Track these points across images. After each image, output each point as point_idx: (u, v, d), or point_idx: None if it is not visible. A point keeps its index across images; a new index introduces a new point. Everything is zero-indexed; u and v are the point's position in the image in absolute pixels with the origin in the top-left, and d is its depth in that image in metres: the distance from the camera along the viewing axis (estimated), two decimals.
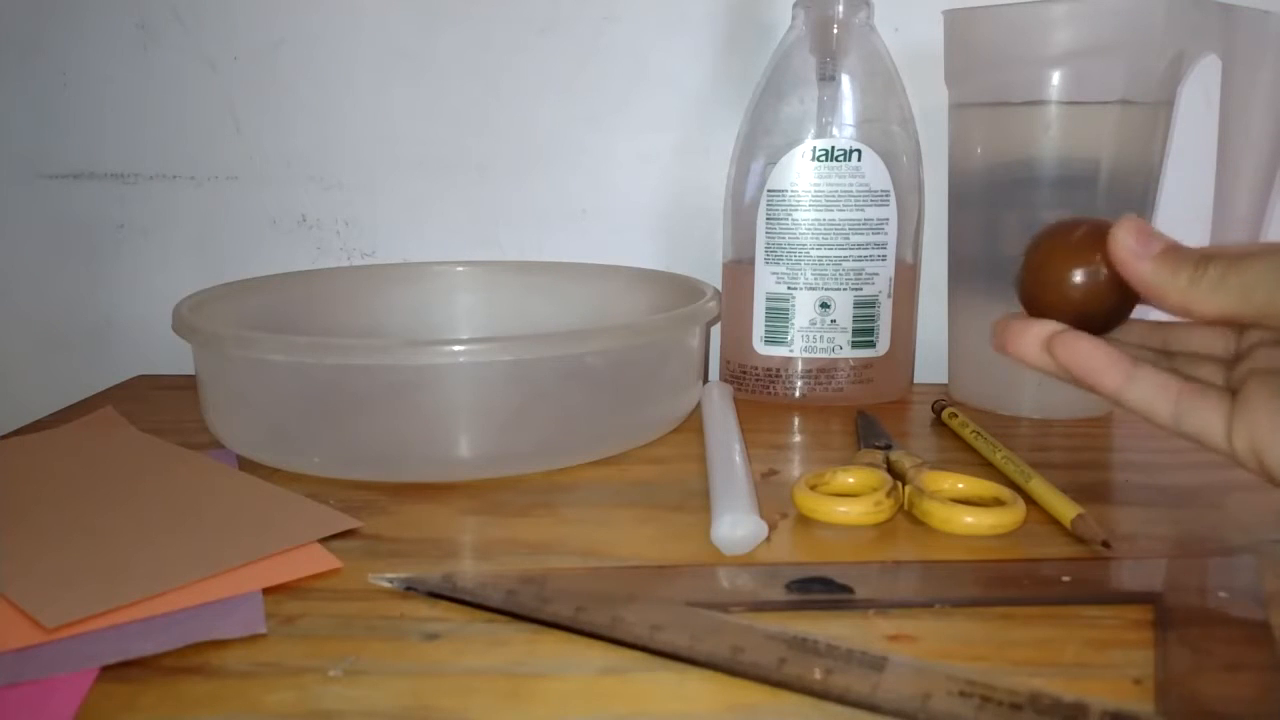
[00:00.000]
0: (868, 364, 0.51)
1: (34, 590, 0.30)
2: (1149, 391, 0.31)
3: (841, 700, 0.25)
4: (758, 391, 0.52)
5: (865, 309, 0.51)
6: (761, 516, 0.34)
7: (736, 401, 0.48)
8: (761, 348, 0.51)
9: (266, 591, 0.31)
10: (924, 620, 0.29)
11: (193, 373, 0.45)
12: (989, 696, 0.24)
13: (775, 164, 0.49)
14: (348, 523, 0.35)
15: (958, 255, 0.53)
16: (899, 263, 0.51)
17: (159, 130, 0.61)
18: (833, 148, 0.49)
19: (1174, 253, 0.30)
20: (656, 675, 0.26)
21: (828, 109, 0.49)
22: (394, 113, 0.60)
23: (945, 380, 0.54)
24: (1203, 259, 0.30)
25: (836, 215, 0.49)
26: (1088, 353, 0.32)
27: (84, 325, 0.63)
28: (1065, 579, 0.31)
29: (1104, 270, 0.32)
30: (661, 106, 0.59)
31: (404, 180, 0.61)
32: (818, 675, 0.25)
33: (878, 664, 0.26)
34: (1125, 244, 0.31)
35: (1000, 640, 0.28)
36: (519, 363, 0.39)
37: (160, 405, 0.52)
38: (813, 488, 0.37)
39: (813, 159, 0.49)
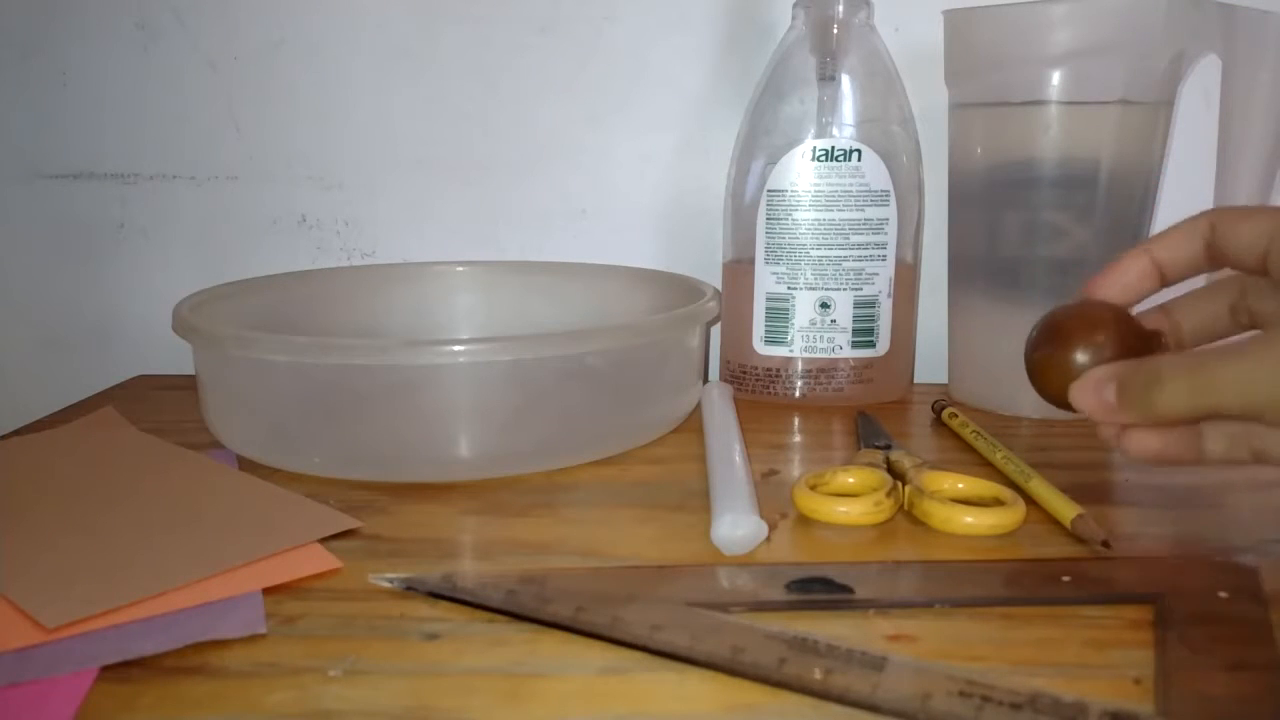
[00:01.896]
0: (868, 364, 0.51)
1: (34, 590, 0.30)
2: (1224, 446, 0.32)
3: (841, 700, 0.25)
4: (758, 391, 0.52)
5: (865, 309, 0.51)
6: (761, 516, 0.34)
7: (736, 401, 0.48)
8: (761, 348, 0.51)
9: (266, 591, 0.31)
10: (924, 620, 0.29)
11: (193, 373, 0.45)
12: (989, 696, 0.24)
13: (775, 164, 0.49)
14: (348, 523, 0.35)
15: (958, 255, 0.53)
16: (899, 263, 0.51)
17: (159, 130, 0.61)
18: (833, 148, 0.49)
19: (1128, 388, 0.31)
20: (656, 675, 0.26)
21: (828, 109, 0.49)
22: (394, 113, 0.60)
23: (945, 380, 0.54)
24: (1152, 376, 0.31)
25: (836, 215, 0.49)
26: (1156, 450, 0.33)
27: (84, 325, 0.63)
28: (1065, 579, 0.31)
29: (1107, 353, 0.33)
30: (661, 106, 0.59)
31: (404, 180, 0.61)
32: (818, 675, 0.25)
33: (878, 664, 0.26)
34: (1092, 408, 0.32)
35: (1000, 640, 0.28)
36: (519, 363, 0.39)
37: (160, 405, 0.52)
38: (813, 488, 0.37)
39: (813, 159, 0.49)
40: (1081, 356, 0.33)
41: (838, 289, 0.50)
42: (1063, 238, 0.47)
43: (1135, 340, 0.33)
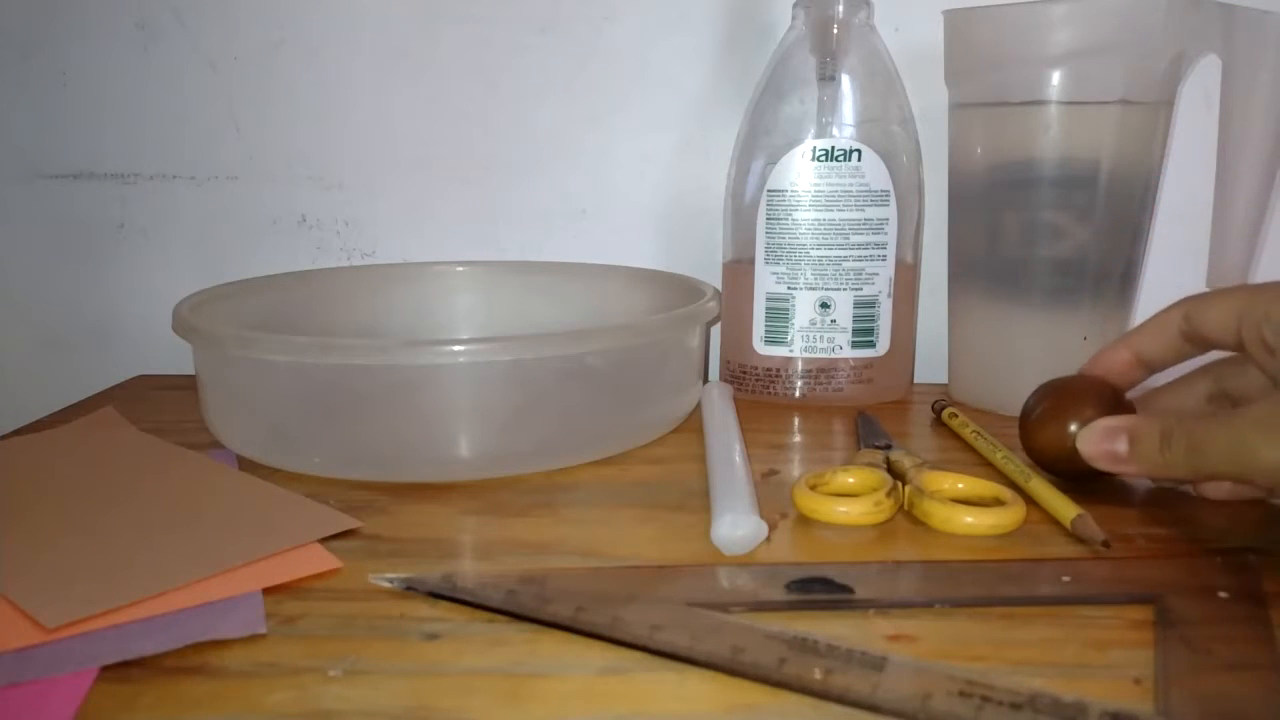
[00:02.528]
0: (868, 364, 0.51)
1: (34, 590, 0.30)
2: None
3: (841, 700, 0.25)
4: (758, 391, 0.52)
5: (865, 309, 0.51)
6: (761, 516, 0.34)
7: (736, 401, 0.48)
8: (761, 348, 0.51)
9: (266, 591, 0.31)
10: (924, 620, 0.29)
11: (193, 373, 0.45)
12: (989, 696, 0.24)
13: (775, 164, 0.49)
14: (348, 523, 0.35)
15: (958, 255, 0.53)
16: (899, 263, 0.51)
17: (159, 130, 0.61)
18: (833, 148, 0.49)
19: (1140, 442, 0.34)
20: (656, 675, 0.26)
21: (828, 109, 0.49)
22: (394, 113, 0.60)
23: (945, 380, 0.54)
24: (1164, 435, 0.33)
25: (836, 215, 0.49)
26: (1229, 490, 0.37)
27: (84, 325, 0.63)
28: (1065, 579, 0.31)
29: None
30: (661, 106, 0.59)
31: (404, 180, 0.61)
32: (818, 675, 0.25)
33: (878, 664, 0.26)
34: (1098, 454, 0.35)
35: (1000, 640, 0.28)
36: (519, 363, 0.39)
37: (160, 405, 0.52)
38: (813, 488, 0.37)
39: (813, 159, 0.49)
40: (1075, 425, 0.37)
41: (838, 289, 0.50)
42: (1063, 238, 0.47)
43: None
